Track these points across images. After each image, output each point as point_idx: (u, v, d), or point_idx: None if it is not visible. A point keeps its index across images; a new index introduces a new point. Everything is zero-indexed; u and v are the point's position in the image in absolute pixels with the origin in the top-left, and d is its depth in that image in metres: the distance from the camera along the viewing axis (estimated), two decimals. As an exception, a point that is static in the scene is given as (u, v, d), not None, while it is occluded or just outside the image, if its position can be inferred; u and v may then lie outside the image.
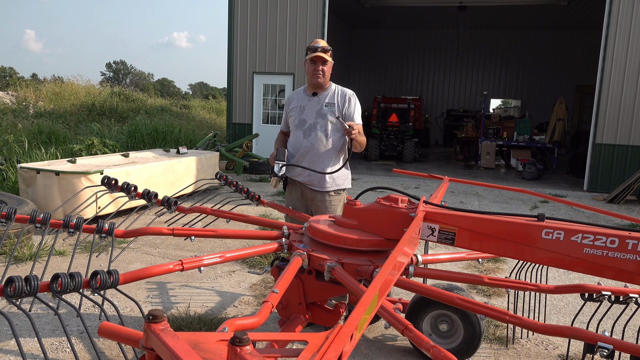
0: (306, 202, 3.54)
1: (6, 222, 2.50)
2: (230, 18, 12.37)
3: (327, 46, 3.40)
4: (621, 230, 2.03)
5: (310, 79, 3.47)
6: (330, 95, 3.49)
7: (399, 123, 14.92)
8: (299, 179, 3.50)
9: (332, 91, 3.50)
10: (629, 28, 10.15)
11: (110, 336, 1.44)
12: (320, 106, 3.46)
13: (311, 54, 3.38)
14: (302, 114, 3.50)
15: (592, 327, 3.21)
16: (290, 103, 3.62)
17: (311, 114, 3.47)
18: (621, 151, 10.47)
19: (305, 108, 3.50)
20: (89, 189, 5.33)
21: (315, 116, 3.46)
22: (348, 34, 20.53)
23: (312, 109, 3.48)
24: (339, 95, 3.49)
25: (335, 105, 3.45)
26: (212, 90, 56.06)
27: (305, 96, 3.54)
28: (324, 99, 3.47)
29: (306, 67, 3.48)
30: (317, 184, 3.46)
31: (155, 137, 12.52)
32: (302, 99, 3.56)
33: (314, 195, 3.48)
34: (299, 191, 3.53)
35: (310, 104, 3.50)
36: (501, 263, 5.13)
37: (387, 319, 2.00)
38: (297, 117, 3.52)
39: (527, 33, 20.01)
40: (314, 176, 3.43)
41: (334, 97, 3.48)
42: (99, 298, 3.51)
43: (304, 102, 3.52)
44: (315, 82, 3.44)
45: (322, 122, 3.44)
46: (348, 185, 3.58)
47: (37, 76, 36.93)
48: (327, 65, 3.42)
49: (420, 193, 9.21)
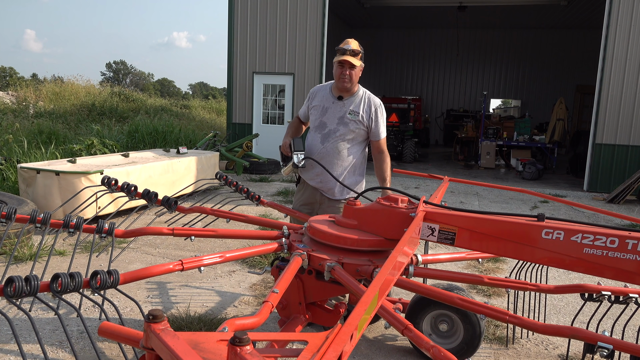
0: (314, 205, 3.48)
1: (6, 222, 2.50)
2: (230, 18, 12.37)
3: (357, 49, 3.18)
4: (621, 230, 2.03)
5: (336, 83, 3.30)
6: (356, 102, 3.32)
7: (399, 123, 14.92)
8: (312, 182, 3.42)
9: (360, 98, 3.34)
10: (629, 28, 10.15)
11: (110, 336, 1.44)
12: (344, 113, 3.30)
13: (339, 57, 3.18)
14: (324, 115, 3.35)
15: (592, 327, 3.21)
16: (314, 99, 3.44)
17: (333, 118, 3.31)
18: (621, 151, 10.47)
19: (328, 110, 3.34)
20: (89, 189, 5.33)
21: (337, 122, 3.30)
22: (348, 34, 20.53)
23: (335, 113, 3.32)
24: (366, 105, 3.32)
25: (360, 115, 3.30)
26: (212, 90, 56.09)
27: (331, 97, 3.36)
28: (349, 105, 3.31)
29: (334, 68, 3.27)
30: (328, 192, 3.39)
31: (155, 137, 12.52)
32: (326, 98, 3.37)
33: (323, 200, 3.43)
34: (309, 193, 3.47)
35: (333, 107, 3.33)
36: (501, 263, 5.13)
37: (387, 319, 2.00)
38: (318, 118, 3.37)
39: (527, 33, 20.01)
40: (325, 182, 3.35)
41: (359, 106, 3.31)
42: (99, 298, 3.51)
43: (328, 104, 3.35)
44: (342, 87, 3.28)
45: (342, 130, 3.29)
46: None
47: (37, 76, 36.97)
48: (356, 69, 3.22)
49: (420, 193, 9.21)
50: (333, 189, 3.36)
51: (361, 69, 3.28)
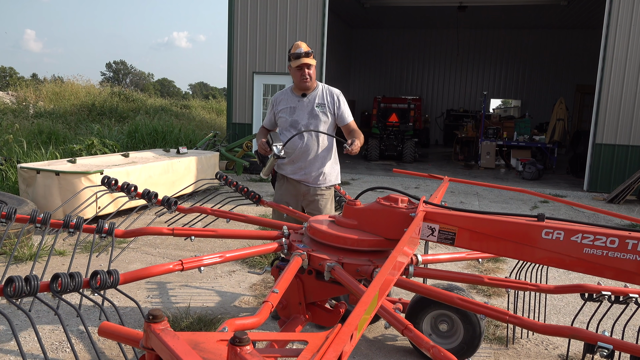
0: (297, 197, 3.67)
1: (6, 222, 2.50)
2: (230, 18, 12.37)
3: (309, 49, 3.47)
4: (621, 230, 2.03)
5: (298, 84, 3.56)
6: (319, 95, 3.59)
7: (399, 123, 14.91)
8: (295, 177, 3.61)
9: (320, 91, 3.61)
10: (629, 28, 10.15)
11: (110, 336, 1.44)
12: (312, 107, 3.56)
13: (296, 62, 3.44)
14: (294, 115, 3.58)
15: (592, 327, 3.21)
16: (279, 104, 3.67)
17: (303, 115, 3.57)
18: (621, 151, 10.46)
19: (296, 109, 3.59)
20: (89, 189, 5.33)
21: (308, 117, 3.56)
22: (348, 34, 20.53)
23: (303, 110, 3.57)
24: (328, 95, 3.61)
25: (326, 105, 3.57)
26: (212, 90, 56.07)
27: (294, 97, 3.61)
28: (314, 99, 3.58)
29: (291, 71, 3.54)
30: (312, 182, 3.60)
31: (155, 137, 12.52)
32: (291, 99, 3.62)
33: (307, 190, 3.62)
34: (291, 186, 3.65)
35: (300, 105, 3.58)
36: (501, 263, 5.13)
37: (387, 319, 2.00)
38: (288, 119, 3.59)
39: (527, 33, 20.00)
40: (309, 174, 3.57)
41: (323, 97, 3.59)
42: (99, 298, 3.51)
43: (294, 103, 3.60)
44: (304, 87, 3.54)
45: (315, 123, 3.55)
46: (338, 181, 3.76)
47: (37, 76, 36.94)
48: (312, 68, 3.51)
49: (420, 193, 9.21)
50: (317, 177, 3.60)
51: (315, 66, 3.55)
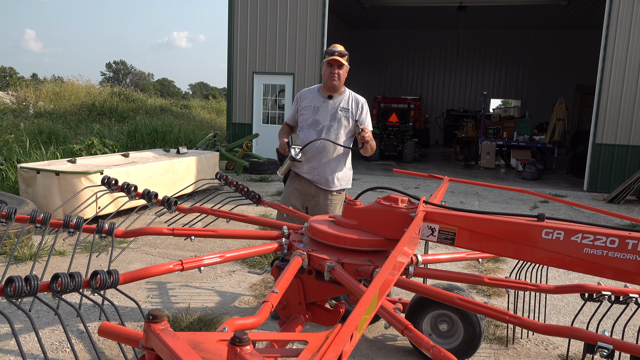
0: (305, 197, 3.67)
1: (6, 222, 2.50)
2: (230, 18, 12.37)
3: (344, 51, 3.49)
4: (621, 230, 2.02)
5: (326, 81, 3.57)
6: (345, 100, 3.61)
7: (399, 123, 14.92)
8: (308, 176, 3.62)
9: (347, 97, 3.63)
10: (629, 28, 10.15)
11: (110, 336, 1.44)
12: (335, 110, 3.58)
13: (328, 57, 3.47)
14: (316, 114, 3.60)
15: (592, 327, 3.21)
16: (303, 100, 3.69)
17: (325, 116, 3.58)
18: (621, 151, 10.47)
19: (320, 109, 3.60)
20: (89, 189, 5.33)
21: (330, 119, 3.57)
22: (348, 34, 20.52)
23: (327, 111, 3.58)
24: (353, 102, 3.62)
25: (350, 111, 3.59)
26: (212, 90, 56.11)
27: (320, 97, 3.63)
28: (339, 103, 3.59)
29: (322, 69, 3.58)
30: (324, 183, 3.60)
31: (155, 137, 12.52)
32: (316, 99, 3.64)
33: (318, 192, 3.62)
34: (301, 185, 3.65)
35: (324, 105, 3.59)
36: (501, 263, 5.13)
37: (387, 319, 1.99)
38: (311, 117, 3.61)
39: (527, 33, 20.00)
40: (322, 175, 3.58)
41: (348, 103, 3.61)
42: (99, 298, 3.51)
43: (319, 103, 3.61)
44: (331, 85, 3.54)
45: (336, 126, 3.56)
46: (349, 186, 3.74)
47: (37, 76, 36.98)
48: (343, 69, 3.52)
49: (420, 193, 9.21)
50: (329, 179, 3.59)
51: (347, 70, 3.57)
